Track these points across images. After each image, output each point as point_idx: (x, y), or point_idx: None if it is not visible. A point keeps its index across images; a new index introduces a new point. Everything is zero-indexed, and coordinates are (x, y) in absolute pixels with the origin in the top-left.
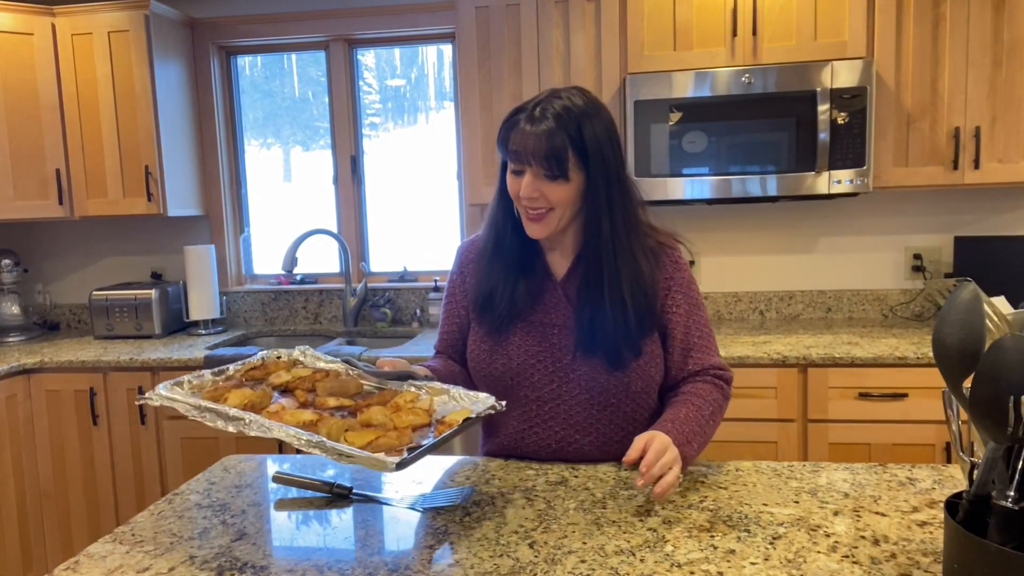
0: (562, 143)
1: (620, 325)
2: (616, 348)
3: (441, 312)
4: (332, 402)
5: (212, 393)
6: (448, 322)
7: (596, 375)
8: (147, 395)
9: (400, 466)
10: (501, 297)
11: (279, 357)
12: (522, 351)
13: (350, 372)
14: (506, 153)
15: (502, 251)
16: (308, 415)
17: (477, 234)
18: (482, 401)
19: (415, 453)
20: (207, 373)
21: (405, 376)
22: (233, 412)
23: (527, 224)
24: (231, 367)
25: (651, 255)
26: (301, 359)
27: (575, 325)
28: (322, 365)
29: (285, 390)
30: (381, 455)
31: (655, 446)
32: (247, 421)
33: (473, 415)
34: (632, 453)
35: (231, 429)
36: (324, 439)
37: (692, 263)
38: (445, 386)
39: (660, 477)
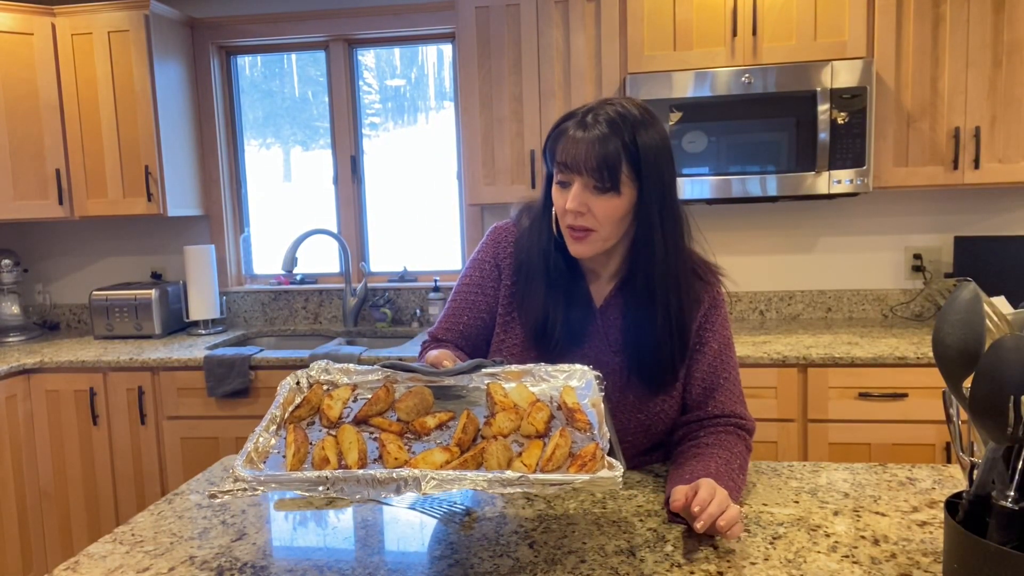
0: (615, 151)
1: (665, 355)
2: (656, 380)
3: (456, 297)
4: (432, 422)
5: (294, 457)
6: (468, 312)
7: (618, 413)
8: (228, 488)
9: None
10: (554, 326)
11: (298, 383)
12: None
13: (398, 379)
14: (552, 164)
15: (550, 275)
16: (441, 454)
17: (509, 222)
18: (579, 372)
19: (616, 455)
20: (258, 435)
21: (476, 367)
22: (379, 474)
23: (570, 243)
24: (270, 415)
25: (694, 286)
26: (329, 376)
27: (616, 359)
28: (361, 379)
29: (358, 422)
30: (604, 473)
31: (704, 487)
32: (408, 479)
33: (582, 386)
34: (679, 498)
35: (388, 496)
36: (527, 475)
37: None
38: (523, 367)
39: (718, 516)
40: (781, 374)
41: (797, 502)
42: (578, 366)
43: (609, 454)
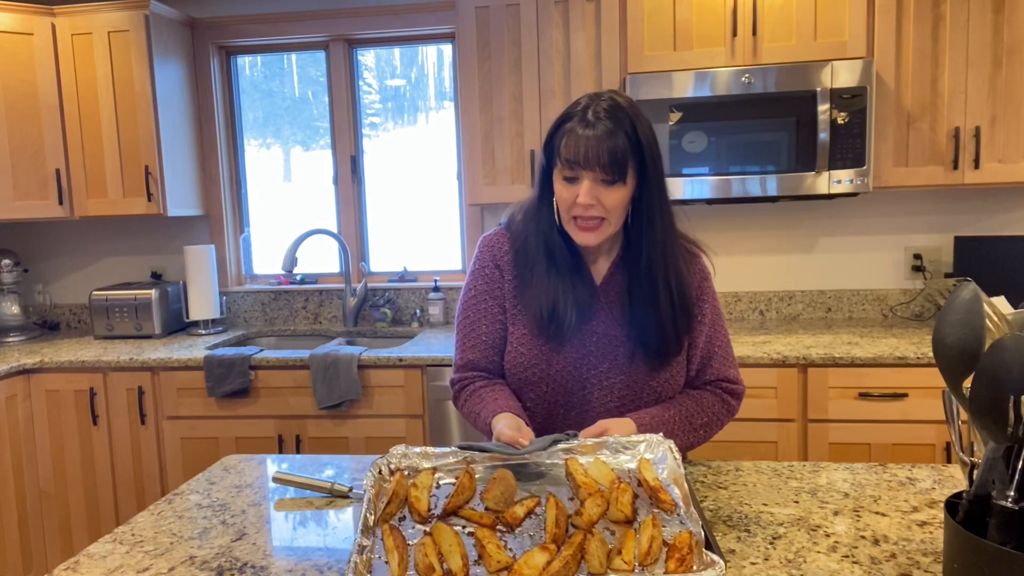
0: (623, 144)
1: (668, 328)
2: (661, 352)
3: (466, 313)
4: (521, 511)
5: (399, 567)
6: (485, 321)
7: (631, 382)
8: None
9: None
10: (565, 307)
11: (380, 472)
12: (561, 358)
13: (475, 459)
14: (554, 160)
15: (555, 260)
16: (540, 554)
17: (497, 228)
18: (653, 442)
19: (713, 545)
20: (357, 542)
21: (552, 443)
22: None
23: (578, 233)
24: (361, 519)
25: (686, 258)
26: (408, 461)
27: (622, 331)
28: (440, 461)
29: (447, 514)
30: (707, 573)
31: (614, 430)
32: None
33: (657, 457)
34: (591, 432)
35: None
36: None
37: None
38: (597, 440)
39: None
40: (781, 374)
41: (797, 502)
42: (650, 436)
43: (709, 547)
